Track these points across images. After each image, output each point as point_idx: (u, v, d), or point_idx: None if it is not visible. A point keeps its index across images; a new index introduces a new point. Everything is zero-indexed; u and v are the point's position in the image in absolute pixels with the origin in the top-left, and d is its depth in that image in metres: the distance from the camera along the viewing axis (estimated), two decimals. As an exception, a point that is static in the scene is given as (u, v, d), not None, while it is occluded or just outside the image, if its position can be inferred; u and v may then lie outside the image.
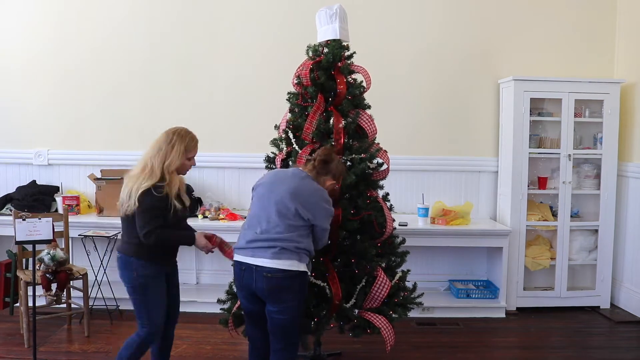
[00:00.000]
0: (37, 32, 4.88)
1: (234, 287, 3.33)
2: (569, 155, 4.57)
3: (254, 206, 2.82)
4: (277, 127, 3.45)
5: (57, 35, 4.87)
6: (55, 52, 4.88)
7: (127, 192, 2.70)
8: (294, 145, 3.26)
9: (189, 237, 2.84)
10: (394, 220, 3.33)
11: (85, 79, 4.89)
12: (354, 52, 3.37)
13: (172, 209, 2.70)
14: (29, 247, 3.71)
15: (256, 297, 2.71)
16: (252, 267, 2.66)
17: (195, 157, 2.91)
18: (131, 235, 2.74)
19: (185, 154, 2.80)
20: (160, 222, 2.67)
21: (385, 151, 3.33)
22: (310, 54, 3.35)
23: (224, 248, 2.99)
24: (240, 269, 2.72)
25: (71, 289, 4.10)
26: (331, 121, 3.23)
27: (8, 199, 4.65)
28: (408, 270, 3.41)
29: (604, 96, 4.56)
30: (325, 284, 3.06)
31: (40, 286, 3.65)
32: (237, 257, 2.75)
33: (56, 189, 4.84)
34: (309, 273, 2.78)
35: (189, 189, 4.70)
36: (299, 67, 3.34)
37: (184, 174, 2.89)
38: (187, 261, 4.90)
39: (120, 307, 4.39)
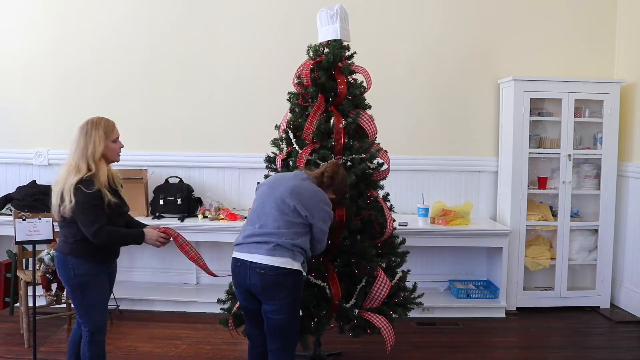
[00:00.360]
0: (37, 32, 4.88)
1: (234, 286, 3.35)
2: (569, 155, 4.57)
3: (255, 203, 2.86)
4: (277, 127, 3.45)
5: (57, 35, 4.87)
6: (55, 52, 4.88)
7: (57, 193, 2.62)
8: (295, 145, 3.27)
9: (137, 234, 2.74)
10: (394, 220, 3.33)
11: (85, 79, 4.89)
12: (355, 52, 3.37)
13: (105, 202, 2.61)
14: (29, 247, 3.71)
15: (252, 294, 2.73)
16: (246, 264, 2.69)
17: (120, 139, 2.80)
18: (69, 234, 2.67)
19: (106, 138, 2.70)
20: (105, 218, 2.60)
21: (386, 151, 3.33)
22: (311, 54, 3.35)
23: (180, 242, 2.88)
24: (237, 265, 2.74)
25: (71, 289, 4.10)
26: (331, 121, 3.24)
27: (8, 199, 4.64)
28: (408, 270, 3.42)
29: (603, 96, 4.56)
30: (325, 284, 3.06)
31: (40, 286, 3.65)
32: (235, 254, 2.77)
33: (56, 189, 4.83)
34: (304, 273, 2.78)
35: (189, 189, 4.71)
36: (299, 67, 3.35)
37: (117, 160, 2.80)
38: (187, 261, 4.87)
39: (120, 307, 4.39)
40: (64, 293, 3.82)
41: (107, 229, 2.60)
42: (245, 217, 3.67)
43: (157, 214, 4.58)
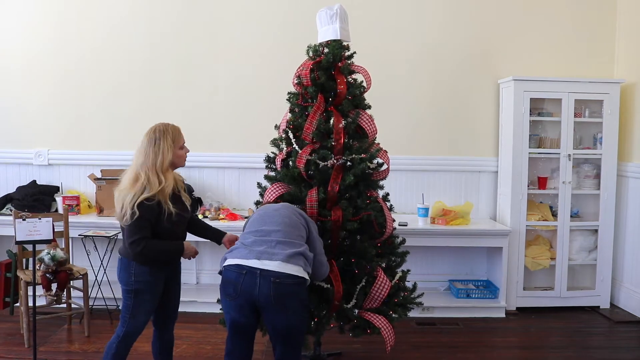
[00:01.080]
0: (37, 32, 4.88)
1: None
2: (569, 155, 4.57)
3: (255, 223, 2.75)
4: (277, 127, 3.45)
5: (57, 35, 4.87)
6: (55, 52, 4.88)
7: (120, 202, 2.60)
8: (294, 145, 3.26)
9: (177, 247, 2.75)
10: (394, 220, 3.33)
11: (85, 79, 4.89)
12: (354, 52, 3.37)
13: (165, 214, 2.61)
14: (29, 247, 3.71)
15: (253, 307, 2.55)
16: (255, 272, 2.50)
17: (186, 145, 2.80)
18: None
19: (174, 145, 2.70)
20: (148, 232, 2.60)
21: (386, 151, 3.33)
22: (311, 54, 3.35)
23: None
24: (240, 273, 2.53)
25: (71, 288, 4.10)
26: (331, 121, 3.23)
27: (8, 199, 4.65)
28: (408, 270, 3.41)
29: (603, 96, 4.56)
30: (329, 284, 3.05)
31: (41, 286, 3.65)
32: (236, 261, 2.57)
33: (56, 189, 4.84)
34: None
35: (189, 189, 4.71)
36: (299, 67, 3.34)
37: (183, 165, 2.80)
38: (187, 261, 4.87)
39: (120, 307, 4.39)
40: (64, 293, 3.83)
41: (145, 242, 2.59)
42: (246, 217, 3.68)
43: (157, 214, 4.57)
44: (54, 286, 3.71)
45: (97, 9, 4.86)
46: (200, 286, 4.88)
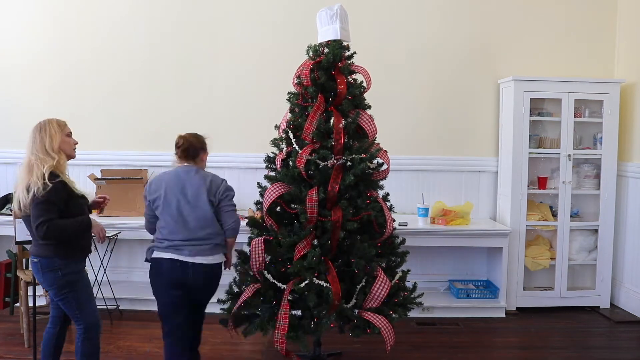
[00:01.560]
0: (37, 32, 4.88)
1: (234, 286, 3.34)
2: (569, 155, 4.57)
3: (166, 215, 2.92)
4: (277, 127, 3.45)
5: (57, 35, 4.88)
6: (55, 52, 4.88)
7: (22, 190, 2.64)
8: (294, 145, 3.26)
9: (85, 220, 2.77)
10: (394, 220, 3.33)
11: (85, 79, 4.90)
12: (354, 52, 3.37)
13: (72, 192, 2.71)
14: (29, 247, 3.70)
15: (184, 286, 2.88)
16: (187, 264, 2.85)
17: (73, 136, 2.92)
18: None
19: (60, 130, 2.82)
20: (54, 214, 2.62)
21: (386, 151, 3.33)
22: (311, 54, 3.35)
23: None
24: (174, 265, 2.85)
25: (71, 289, 4.09)
26: (331, 121, 3.23)
27: (8, 199, 4.65)
28: (408, 270, 3.41)
29: (603, 96, 4.56)
30: (327, 284, 3.05)
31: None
32: (168, 255, 2.86)
33: (56, 189, 4.83)
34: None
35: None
36: (299, 67, 3.34)
37: (74, 156, 2.91)
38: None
39: (120, 307, 4.39)
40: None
41: (50, 223, 2.59)
42: (246, 217, 3.68)
43: (157, 214, 4.57)
44: (53, 286, 3.71)
45: (97, 9, 4.86)
46: (200, 286, 4.87)
